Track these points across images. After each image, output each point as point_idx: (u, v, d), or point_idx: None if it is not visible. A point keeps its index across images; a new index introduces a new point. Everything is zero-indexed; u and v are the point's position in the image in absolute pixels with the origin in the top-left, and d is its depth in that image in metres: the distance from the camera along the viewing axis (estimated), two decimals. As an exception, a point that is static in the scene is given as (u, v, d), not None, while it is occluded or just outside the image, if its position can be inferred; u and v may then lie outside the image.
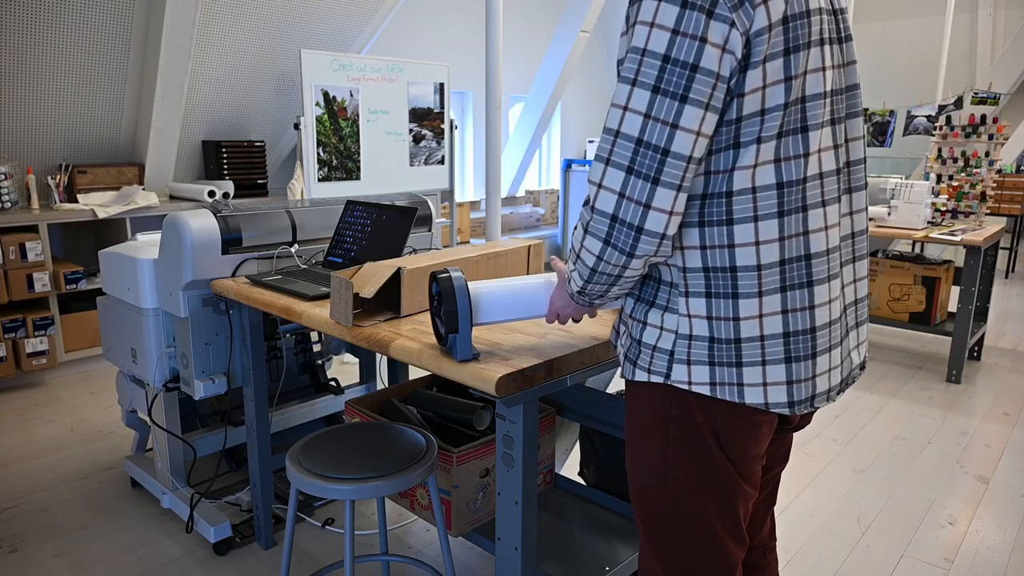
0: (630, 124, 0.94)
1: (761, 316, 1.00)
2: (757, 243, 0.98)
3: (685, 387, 1.05)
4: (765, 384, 1.02)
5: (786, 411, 1.04)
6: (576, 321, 1.30)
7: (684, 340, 1.04)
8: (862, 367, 1.18)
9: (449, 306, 1.27)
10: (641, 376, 1.09)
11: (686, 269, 1.03)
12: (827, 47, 1.00)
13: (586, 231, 1.01)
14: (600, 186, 0.97)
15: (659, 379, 1.07)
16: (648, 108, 0.92)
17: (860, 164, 1.11)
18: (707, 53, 0.90)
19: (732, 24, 0.90)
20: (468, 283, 1.32)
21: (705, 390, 1.04)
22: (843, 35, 1.05)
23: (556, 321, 1.30)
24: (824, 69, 0.99)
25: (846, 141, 1.08)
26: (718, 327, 1.02)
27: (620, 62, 0.99)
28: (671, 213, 0.95)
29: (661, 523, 1.14)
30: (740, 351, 1.02)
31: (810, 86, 0.98)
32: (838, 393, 1.10)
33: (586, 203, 1.01)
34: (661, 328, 1.07)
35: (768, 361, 1.02)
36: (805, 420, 1.25)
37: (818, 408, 1.08)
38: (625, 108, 0.94)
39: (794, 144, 0.98)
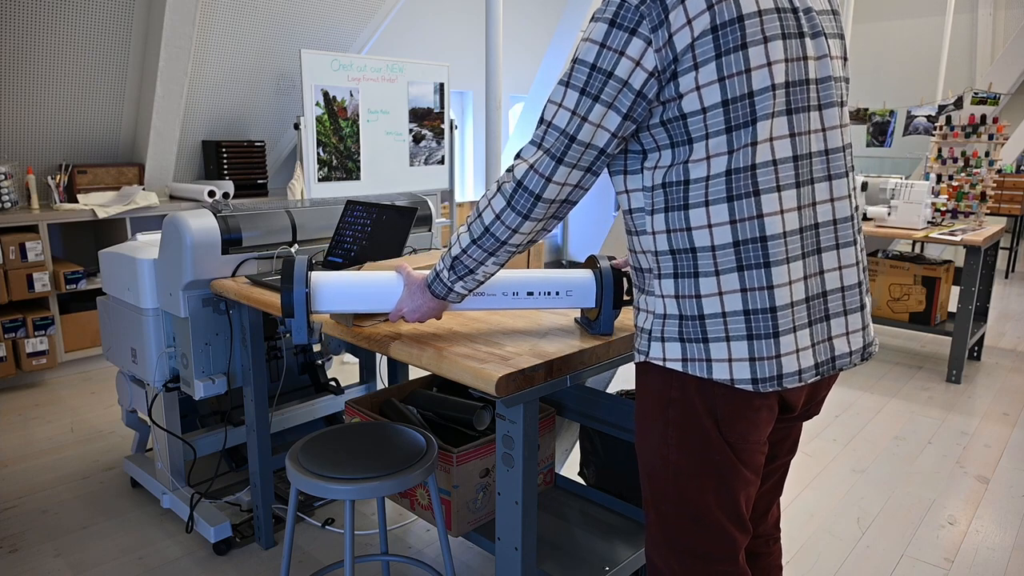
0: (561, 118, 1.10)
1: (721, 294, 1.08)
2: (709, 225, 1.07)
3: (660, 362, 1.13)
4: (730, 360, 1.09)
5: (750, 387, 1.09)
6: (420, 321, 1.42)
7: (660, 319, 1.14)
8: (863, 356, 1.19)
9: (285, 292, 1.32)
10: (635, 357, 1.19)
11: (657, 252, 1.13)
12: (776, 43, 1.05)
13: (498, 190, 1.17)
14: (520, 157, 1.15)
15: (642, 358, 1.16)
16: (575, 106, 1.09)
17: (840, 152, 1.14)
18: (621, 64, 1.05)
19: (649, 42, 1.03)
20: (311, 272, 1.38)
21: (678, 366, 1.12)
22: (808, 31, 1.09)
23: (400, 320, 1.44)
24: (770, 64, 1.04)
25: (823, 129, 1.12)
26: (684, 305, 1.11)
27: None
28: (563, 184, 1.13)
29: (665, 504, 1.19)
30: (705, 327, 1.09)
31: (756, 81, 1.04)
32: (815, 376, 1.12)
33: (507, 169, 1.17)
34: (646, 311, 1.17)
35: (732, 337, 1.08)
36: (813, 409, 1.26)
37: (787, 388, 1.11)
38: (559, 105, 1.10)
39: (745, 135, 1.05)
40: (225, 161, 4.42)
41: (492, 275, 1.29)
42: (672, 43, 1.02)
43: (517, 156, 1.15)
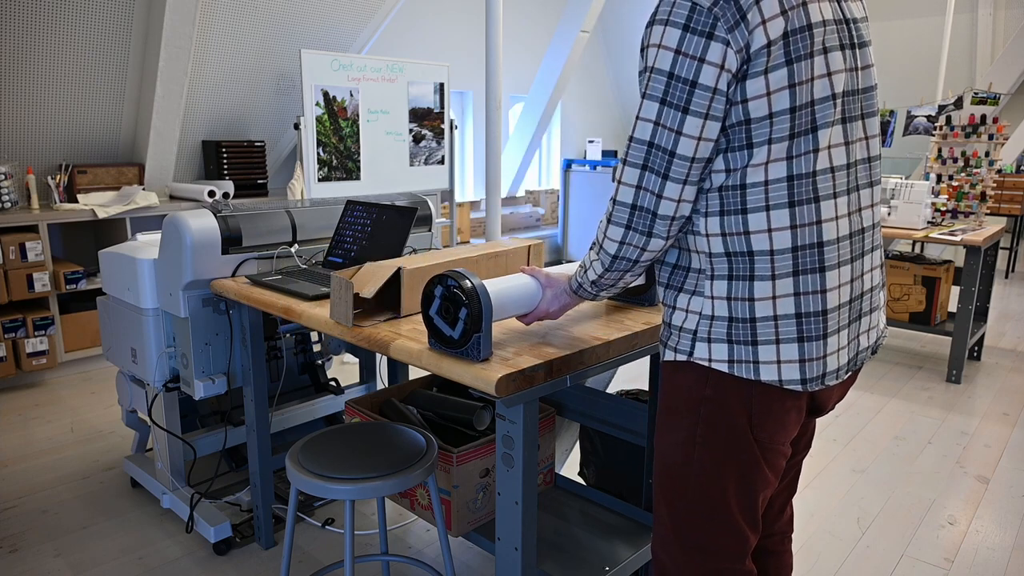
0: (642, 131, 1.09)
1: (775, 298, 1.10)
2: (769, 230, 1.09)
3: (705, 363, 1.13)
4: (779, 362, 1.10)
5: (798, 387, 1.11)
6: (552, 319, 1.46)
7: (707, 320, 1.14)
8: (873, 351, 1.24)
9: (475, 307, 1.33)
10: (669, 356, 1.19)
11: (712, 254, 1.13)
12: (835, 54, 1.08)
13: (609, 221, 1.16)
14: (620, 182, 1.13)
15: (683, 357, 1.16)
16: (657, 117, 1.07)
17: (878, 159, 1.20)
18: (704, 71, 1.03)
19: (728, 44, 1.02)
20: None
21: (724, 367, 1.12)
22: (856, 42, 1.13)
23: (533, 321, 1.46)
24: (830, 74, 1.07)
25: (866, 137, 1.16)
26: (735, 307, 1.12)
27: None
28: (679, 201, 1.10)
29: (681, 501, 1.20)
30: (755, 330, 1.11)
31: (817, 90, 1.06)
32: (847, 372, 1.17)
33: (611, 200, 1.15)
34: (687, 311, 1.17)
35: (781, 340, 1.10)
36: (829, 405, 1.29)
37: (830, 386, 1.15)
38: (639, 118, 1.10)
39: (805, 142, 1.07)
40: (225, 161, 4.42)
41: (636, 278, 1.29)
42: (749, 44, 1.02)
43: (615, 180, 1.15)
